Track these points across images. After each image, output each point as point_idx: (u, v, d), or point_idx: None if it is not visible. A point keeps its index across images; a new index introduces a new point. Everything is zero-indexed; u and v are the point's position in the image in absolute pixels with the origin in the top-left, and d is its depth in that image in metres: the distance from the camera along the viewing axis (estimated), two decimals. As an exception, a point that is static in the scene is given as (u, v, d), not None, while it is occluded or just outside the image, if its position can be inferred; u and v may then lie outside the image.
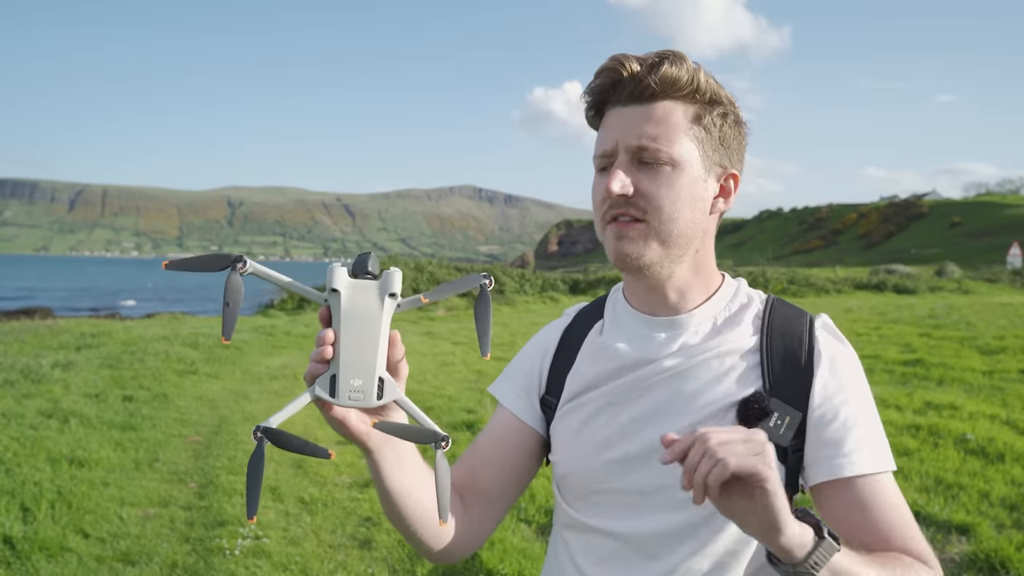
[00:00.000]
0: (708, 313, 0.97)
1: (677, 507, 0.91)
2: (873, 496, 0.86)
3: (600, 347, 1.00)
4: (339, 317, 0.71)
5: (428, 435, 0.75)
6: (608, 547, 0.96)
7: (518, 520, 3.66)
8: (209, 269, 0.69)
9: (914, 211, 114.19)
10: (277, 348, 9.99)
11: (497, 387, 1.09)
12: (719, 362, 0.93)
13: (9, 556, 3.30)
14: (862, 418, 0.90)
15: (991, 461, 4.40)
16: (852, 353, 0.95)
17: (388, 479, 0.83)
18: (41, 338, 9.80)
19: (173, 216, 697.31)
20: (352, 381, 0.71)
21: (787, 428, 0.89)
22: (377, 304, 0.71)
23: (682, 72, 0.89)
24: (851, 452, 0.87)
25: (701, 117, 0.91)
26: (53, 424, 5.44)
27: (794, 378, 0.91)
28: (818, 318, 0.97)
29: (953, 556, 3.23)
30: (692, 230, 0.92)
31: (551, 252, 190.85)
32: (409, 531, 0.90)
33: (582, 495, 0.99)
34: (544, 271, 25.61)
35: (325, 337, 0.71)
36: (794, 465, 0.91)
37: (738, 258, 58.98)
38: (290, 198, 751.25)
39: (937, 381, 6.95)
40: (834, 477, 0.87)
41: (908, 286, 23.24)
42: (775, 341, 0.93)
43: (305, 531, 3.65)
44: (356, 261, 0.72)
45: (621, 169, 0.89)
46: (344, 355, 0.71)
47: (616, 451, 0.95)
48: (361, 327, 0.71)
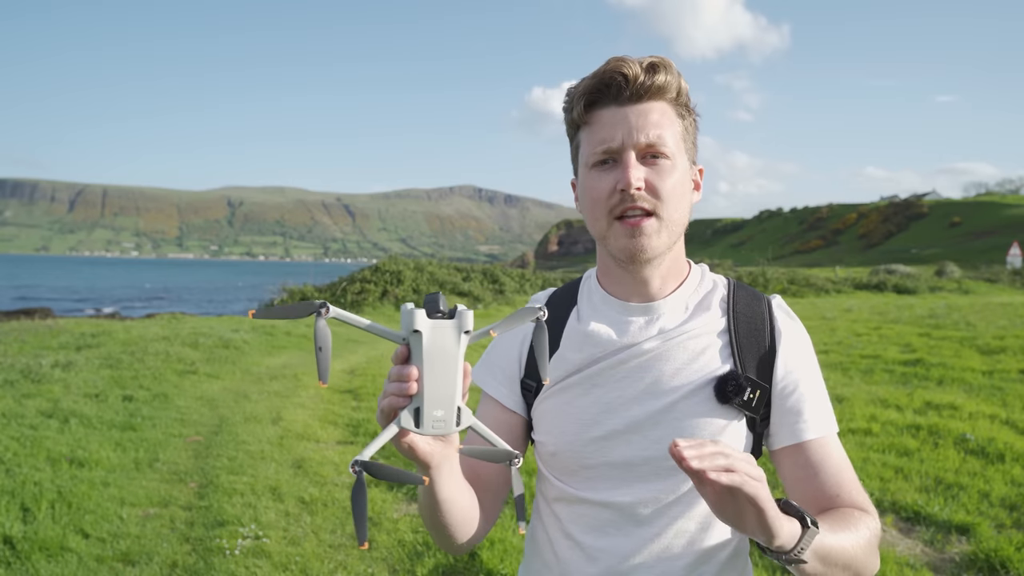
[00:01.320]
0: (680, 298, 1.06)
1: (663, 475, 1.00)
2: (827, 455, 0.99)
3: (584, 334, 1.05)
4: (421, 355, 0.76)
5: (503, 455, 0.85)
6: (601, 516, 1.03)
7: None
8: (297, 316, 0.74)
9: (914, 211, 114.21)
10: (277, 348, 10.00)
11: (478, 375, 1.14)
12: (694, 343, 1.02)
13: (9, 556, 3.30)
14: (815, 388, 1.02)
15: (991, 461, 4.40)
16: (803, 328, 1.07)
17: (442, 491, 0.91)
18: (41, 338, 9.81)
19: (173, 216, 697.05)
20: (435, 412, 0.78)
21: (758, 401, 1.00)
22: (455, 341, 0.77)
23: (672, 78, 0.99)
24: (809, 419, 1.00)
25: (683, 117, 1.02)
26: (53, 424, 5.44)
27: (760, 355, 1.02)
28: (773, 299, 1.08)
29: (953, 556, 3.23)
30: (684, 218, 1.02)
31: (551, 252, 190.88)
32: (446, 532, 0.97)
33: (572, 471, 1.05)
34: (544, 271, 25.64)
35: (411, 374, 0.77)
36: (760, 432, 1.03)
37: (738, 258, 58.95)
38: (290, 198, 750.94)
39: (937, 381, 6.95)
40: (796, 441, 0.99)
41: (908, 286, 23.25)
42: (741, 323, 1.04)
43: (305, 531, 3.65)
44: (428, 301, 0.78)
45: (634, 165, 0.96)
46: (428, 389, 0.77)
47: (603, 428, 1.02)
48: (442, 363, 0.77)
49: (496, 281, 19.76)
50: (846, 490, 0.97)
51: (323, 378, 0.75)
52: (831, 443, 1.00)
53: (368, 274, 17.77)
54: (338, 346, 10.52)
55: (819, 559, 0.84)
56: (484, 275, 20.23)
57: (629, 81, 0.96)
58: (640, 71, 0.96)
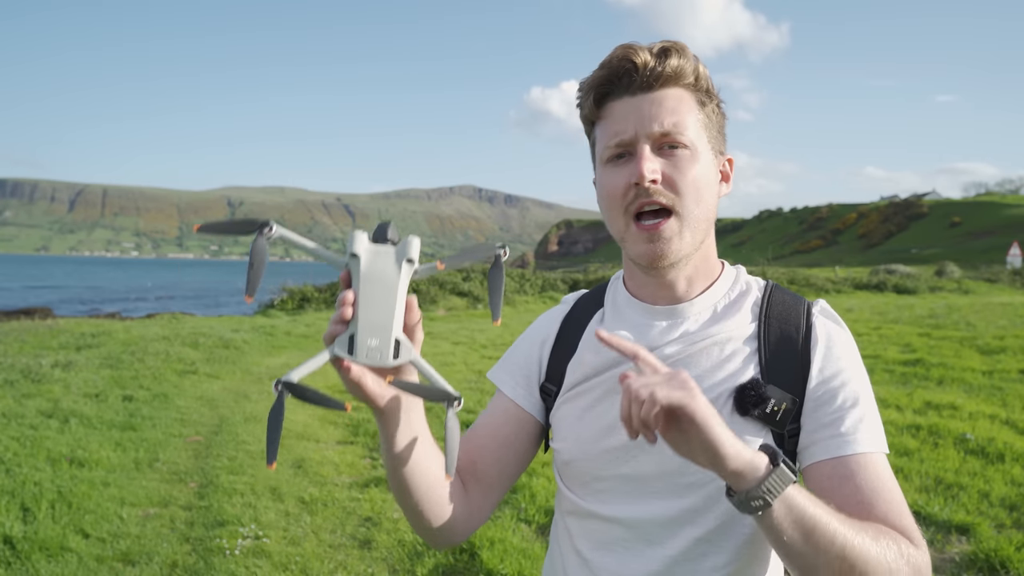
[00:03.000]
0: (709, 301, 0.98)
1: (678, 493, 0.92)
2: (866, 474, 0.85)
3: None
4: (358, 280, 0.73)
5: (440, 394, 0.78)
6: (610, 533, 0.97)
7: (518, 520, 3.66)
8: (239, 232, 0.72)
9: (914, 211, 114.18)
10: (277, 348, 10.00)
11: (496, 375, 1.09)
12: (719, 349, 0.94)
13: (9, 556, 3.30)
14: (859, 399, 0.89)
15: (991, 461, 4.39)
16: (849, 336, 0.96)
17: (397, 443, 0.84)
18: (41, 338, 9.81)
19: (173, 216, 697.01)
20: (369, 341, 0.74)
21: (783, 414, 0.89)
22: (395, 268, 0.74)
23: (687, 62, 0.91)
24: (848, 432, 0.87)
25: (704, 104, 0.94)
26: (53, 424, 5.44)
27: (791, 363, 0.92)
28: (816, 304, 0.98)
29: (953, 556, 3.23)
30: (710, 213, 0.94)
31: (551, 252, 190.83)
32: (411, 502, 0.90)
33: (584, 482, 0.99)
34: (544, 271, 25.60)
35: (345, 298, 0.73)
36: (790, 449, 0.91)
37: (738, 258, 58.90)
38: (290, 198, 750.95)
39: (937, 381, 6.95)
40: (831, 456, 0.86)
41: (908, 286, 23.23)
42: (772, 328, 0.95)
43: (305, 531, 3.65)
44: (376, 228, 0.75)
45: (647, 156, 0.89)
46: (362, 316, 0.73)
47: (617, 438, 0.95)
48: (379, 290, 0.73)
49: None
50: (881, 509, 0.82)
51: (250, 292, 0.71)
52: (877, 462, 0.86)
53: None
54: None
55: (797, 526, 0.73)
56: (484, 275, 20.24)
57: (639, 69, 0.89)
58: (650, 57, 0.89)
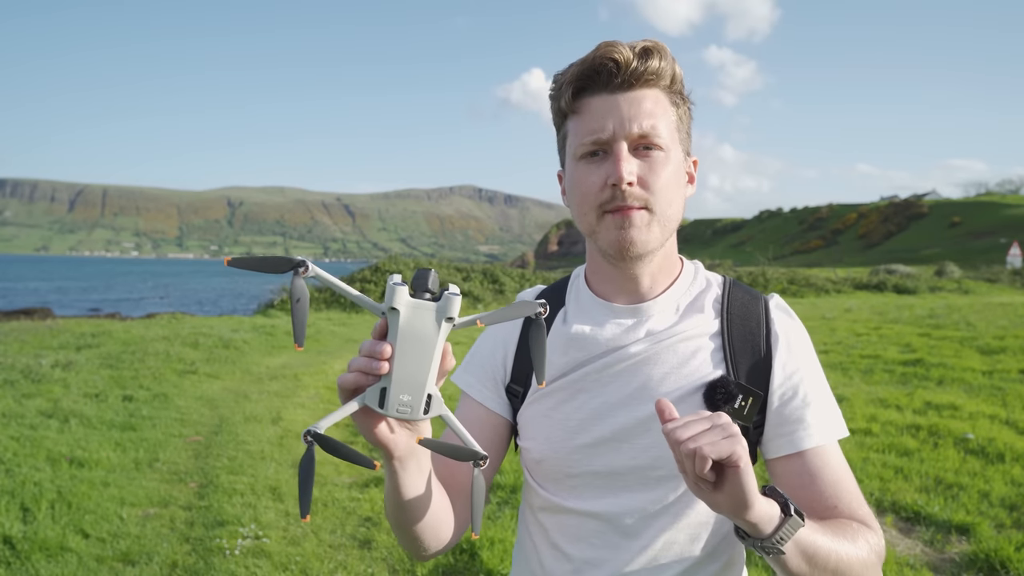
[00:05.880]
0: (671, 299, 1.00)
1: (651, 485, 0.95)
2: (825, 465, 0.92)
3: (569, 337, 1.00)
4: (396, 335, 0.71)
5: (469, 453, 0.78)
6: (587, 526, 0.99)
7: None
8: (272, 270, 0.69)
9: (914, 211, 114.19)
10: (277, 348, 9.99)
11: (462, 379, 1.08)
12: (684, 346, 0.96)
13: (9, 556, 3.30)
14: (818, 392, 0.95)
15: (991, 461, 4.40)
16: (802, 328, 1.00)
17: (405, 487, 0.84)
18: (41, 338, 9.81)
19: (173, 216, 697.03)
20: (402, 396, 0.73)
21: (750, 408, 0.93)
22: (434, 327, 0.72)
23: (667, 63, 0.92)
24: (810, 425, 0.93)
25: (678, 106, 0.95)
26: (53, 424, 5.44)
27: (755, 360, 0.96)
28: (771, 299, 1.01)
29: (953, 556, 3.23)
30: (678, 214, 0.96)
31: (551, 252, 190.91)
32: (411, 534, 0.91)
33: (557, 479, 1.01)
34: (544, 271, 25.64)
35: (383, 352, 0.71)
36: (754, 440, 0.96)
37: (738, 258, 58.95)
38: (290, 198, 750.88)
39: (937, 381, 6.96)
40: (796, 450, 0.93)
41: (908, 286, 23.23)
42: (735, 325, 0.97)
43: (305, 531, 3.65)
44: (416, 278, 0.73)
45: (626, 157, 0.89)
46: (397, 371, 0.72)
47: (589, 435, 0.97)
48: (417, 347, 0.72)
49: (496, 281, 19.76)
50: (845, 501, 0.92)
51: (298, 340, 0.68)
52: (831, 451, 0.94)
53: (368, 274, 17.85)
54: (338, 346, 10.52)
55: (803, 557, 0.79)
56: (484, 275, 20.24)
57: (620, 67, 0.89)
58: (632, 56, 0.89)
